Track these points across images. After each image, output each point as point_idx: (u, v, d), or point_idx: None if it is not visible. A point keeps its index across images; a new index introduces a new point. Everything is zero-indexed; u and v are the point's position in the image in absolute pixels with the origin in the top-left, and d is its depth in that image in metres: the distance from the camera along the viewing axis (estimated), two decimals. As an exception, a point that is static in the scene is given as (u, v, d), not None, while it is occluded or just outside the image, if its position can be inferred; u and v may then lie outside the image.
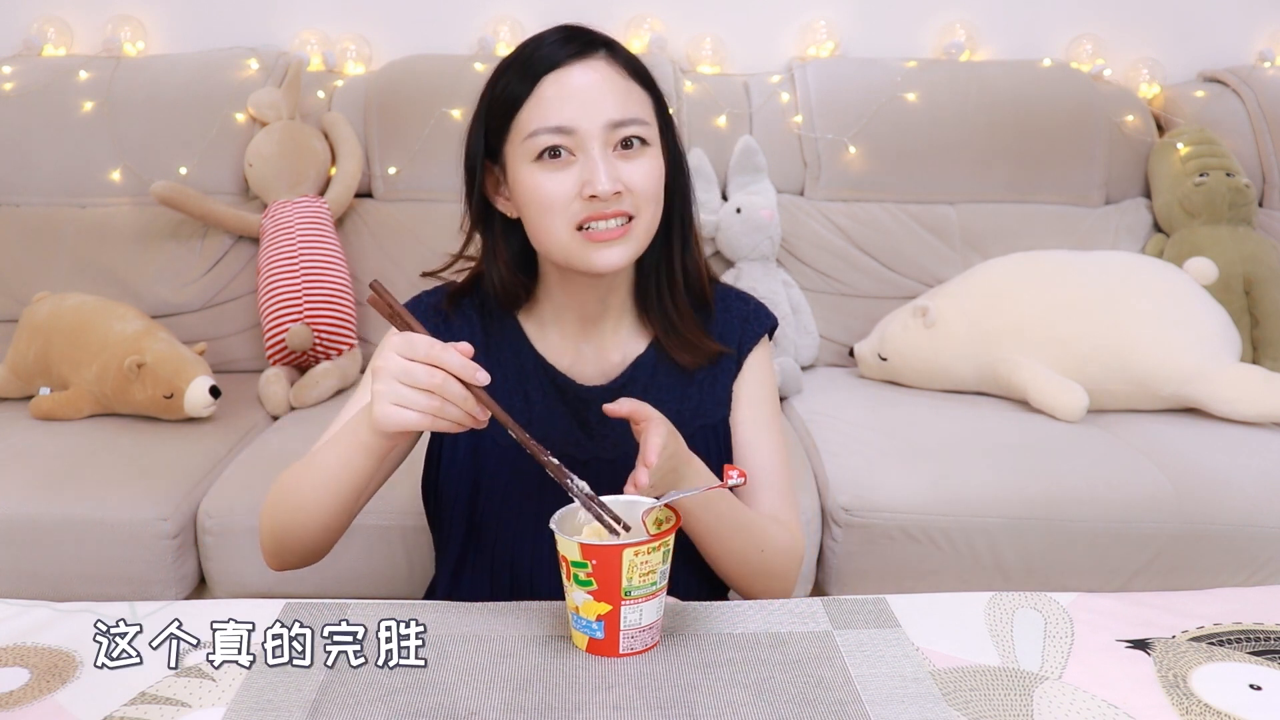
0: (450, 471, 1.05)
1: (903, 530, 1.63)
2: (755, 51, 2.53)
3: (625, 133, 0.93)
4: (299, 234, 2.12)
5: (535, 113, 0.93)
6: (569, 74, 0.93)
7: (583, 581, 0.76)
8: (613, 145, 0.93)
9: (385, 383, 0.80)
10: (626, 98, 0.94)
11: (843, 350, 2.23)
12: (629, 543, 0.75)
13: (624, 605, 0.76)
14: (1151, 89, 2.54)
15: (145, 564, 1.61)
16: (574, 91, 0.93)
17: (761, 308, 1.12)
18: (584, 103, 0.92)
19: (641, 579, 0.76)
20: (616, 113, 0.93)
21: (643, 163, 0.94)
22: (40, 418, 1.89)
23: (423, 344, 0.79)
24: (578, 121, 0.92)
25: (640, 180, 0.94)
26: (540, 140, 0.92)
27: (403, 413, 0.79)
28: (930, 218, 2.31)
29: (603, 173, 0.91)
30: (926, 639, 0.83)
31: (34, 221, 2.24)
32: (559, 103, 0.92)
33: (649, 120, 0.96)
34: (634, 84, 0.96)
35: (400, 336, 0.81)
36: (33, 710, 0.74)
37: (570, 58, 0.94)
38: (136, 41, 2.49)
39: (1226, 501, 1.64)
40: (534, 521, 0.99)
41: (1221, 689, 0.78)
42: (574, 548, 0.76)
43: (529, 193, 0.94)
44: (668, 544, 0.78)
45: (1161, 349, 1.90)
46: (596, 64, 0.94)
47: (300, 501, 0.93)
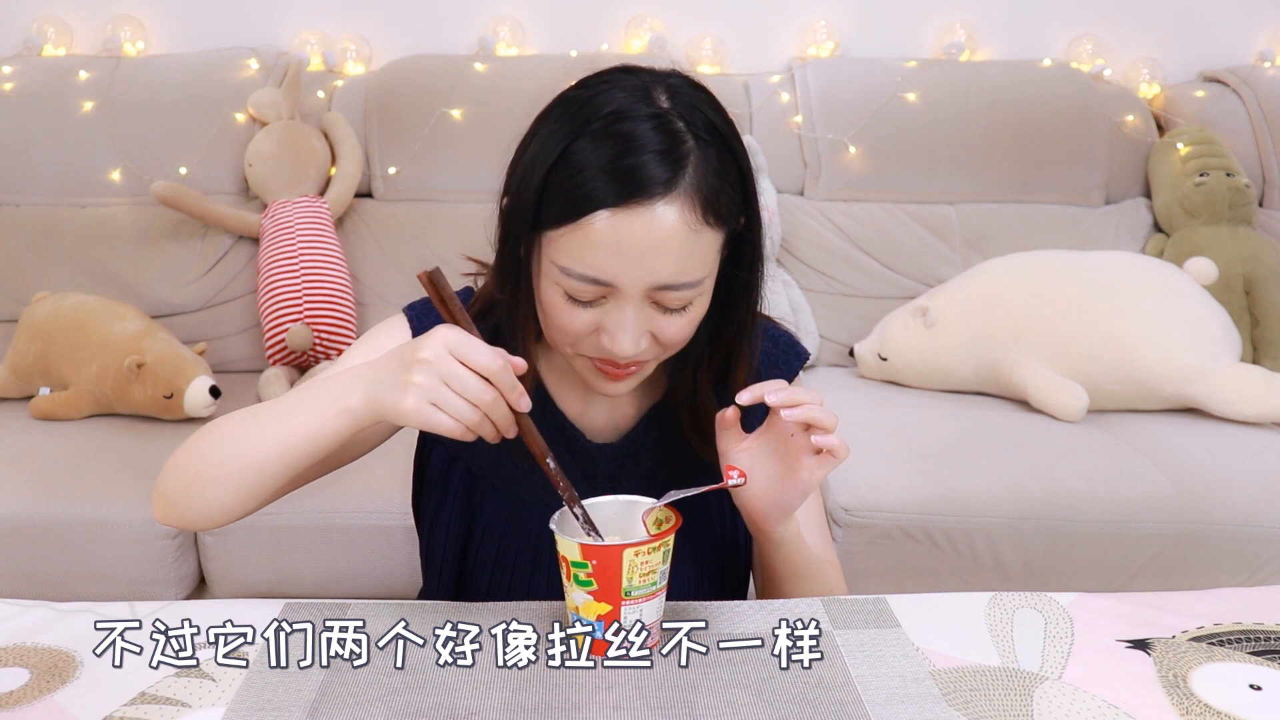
0: (441, 513, 0.99)
1: (903, 530, 1.63)
2: (755, 51, 2.54)
3: (671, 297, 0.79)
4: (299, 234, 2.12)
5: (577, 246, 0.77)
6: (630, 223, 0.76)
7: (583, 582, 0.76)
8: (654, 300, 0.80)
9: (428, 377, 0.72)
10: (689, 257, 0.78)
11: (843, 350, 2.24)
12: (629, 543, 0.75)
13: (624, 605, 0.76)
14: (1151, 89, 2.55)
15: (145, 564, 1.61)
16: (627, 249, 0.76)
17: (792, 345, 1.01)
18: (635, 262, 0.77)
19: (642, 579, 0.76)
20: (668, 275, 0.78)
21: (681, 319, 0.82)
22: (40, 418, 1.89)
23: (483, 353, 0.72)
24: (619, 279, 0.78)
25: (672, 335, 0.82)
26: (572, 284, 0.79)
27: (437, 415, 0.73)
28: (930, 218, 2.31)
29: (628, 337, 0.80)
30: (926, 639, 0.83)
31: (34, 221, 2.24)
32: (606, 254, 0.76)
33: (708, 273, 0.81)
34: (707, 231, 0.78)
35: (458, 334, 0.73)
36: (33, 710, 0.74)
37: (641, 196, 0.75)
38: (136, 41, 2.50)
39: (1226, 501, 1.64)
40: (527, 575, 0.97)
41: (1221, 689, 0.78)
42: (574, 548, 0.76)
43: (546, 306, 0.82)
44: (668, 544, 0.78)
45: (1161, 349, 1.90)
46: (667, 211, 0.76)
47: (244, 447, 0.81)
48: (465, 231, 2.01)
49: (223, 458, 0.83)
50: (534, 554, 0.97)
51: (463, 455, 0.97)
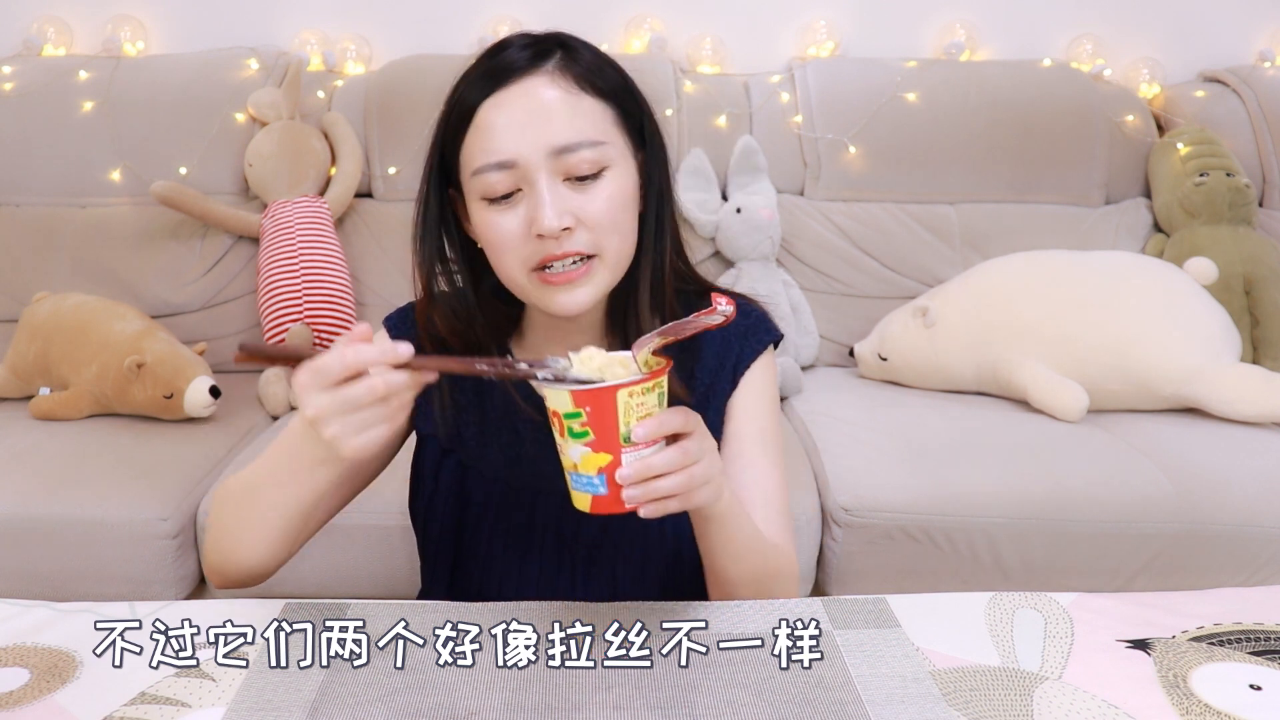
0: (434, 504, 1.00)
1: (903, 530, 1.63)
2: (755, 51, 2.54)
3: (572, 160, 0.83)
4: (299, 234, 2.12)
5: (475, 146, 0.85)
6: (507, 97, 0.84)
7: (578, 434, 0.71)
8: (563, 174, 0.84)
9: (331, 425, 0.70)
10: (573, 116, 0.84)
11: (843, 350, 2.24)
12: (622, 383, 0.70)
13: (624, 452, 0.71)
14: (1151, 89, 2.55)
15: (145, 564, 1.61)
16: (512, 118, 0.83)
17: (764, 320, 1.01)
18: (523, 128, 0.83)
19: (640, 422, 0.72)
20: (561, 136, 0.83)
21: (599, 190, 0.85)
22: (40, 418, 1.89)
23: (332, 363, 0.69)
24: (517, 151, 0.83)
25: (596, 212, 0.84)
26: (484, 180, 0.84)
27: (369, 434, 0.71)
28: (930, 218, 2.31)
29: (548, 208, 0.82)
30: (926, 639, 0.83)
31: (34, 221, 2.24)
32: (497, 133, 0.83)
33: (604, 138, 0.85)
34: (586, 96, 0.85)
35: (305, 371, 0.70)
36: (33, 710, 0.74)
37: (510, 77, 0.84)
38: (136, 41, 2.50)
39: (1226, 501, 1.64)
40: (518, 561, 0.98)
41: (1221, 689, 0.78)
42: (565, 398, 0.71)
43: (482, 231, 0.87)
44: (662, 385, 0.73)
45: (1161, 349, 1.90)
46: (538, 81, 0.84)
47: (250, 523, 0.85)
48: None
49: (242, 520, 0.86)
50: (524, 540, 0.98)
51: (455, 448, 0.98)
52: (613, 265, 0.88)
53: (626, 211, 0.87)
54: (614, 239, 0.86)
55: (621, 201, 0.86)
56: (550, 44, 0.87)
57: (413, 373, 0.71)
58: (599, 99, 0.86)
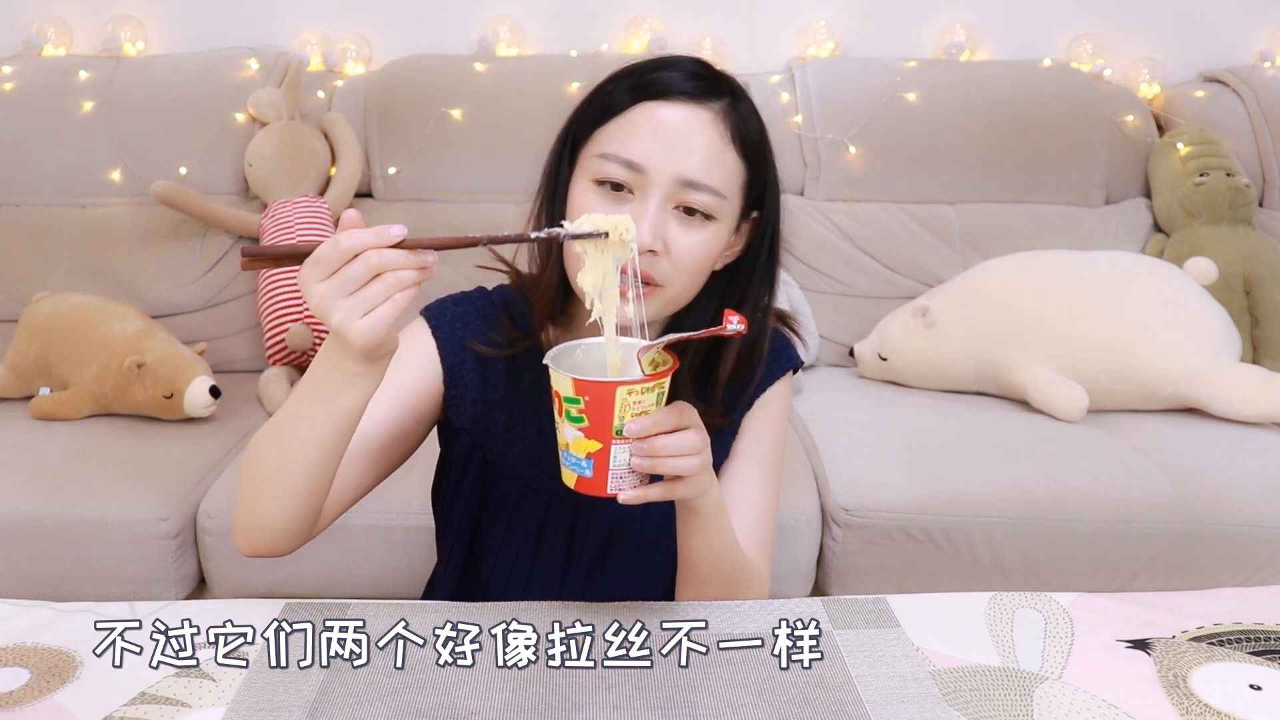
0: (457, 495, 1.01)
1: (903, 530, 1.63)
2: (755, 51, 2.54)
3: (692, 198, 0.85)
4: (299, 234, 2.12)
5: (616, 134, 0.87)
6: (667, 112, 0.86)
7: (574, 418, 0.74)
8: (676, 202, 0.86)
9: (337, 309, 0.71)
10: (713, 162, 0.86)
11: (843, 350, 2.23)
12: (622, 381, 0.73)
13: (614, 444, 0.74)
14: (1151, 89, 2.55)
15: (145, 564, 1.60)
16: (662, 129, 0.86)
17: (786, 347, 1.04)
18: (667, 146, 0.85)
19: (634, 419, 0.74)
20: (694, 172, 0.85)
21: (697, 234, 0.87)
22: (40, 418, 1.89)
23: (328, 251, 0.70)
24: (650, 161, 0.85)
25: (685, 250, 0.86)
26: (608, 167, 0.86)
27: (375, 316, 0.71)
28: (930, 218, 2.31)
29: (649, 224, 0.84)
30: (926, 639, 0.83)
31: (34, 221, 2.24)
32: (642, 136, 0.86)
33: (728, 194, 0.87)
34: (731, 150, 0.88)
35: (306, 266, 0.72)
36: (33, 710, 0.74)
37: (681, 95, 0.87)
38: (136, 41, 2.50)
39: (1226, 501, 1.64)
40: (529, 561, 1.00)
41: (1221, 689, 0.78)
42: (567, 383, 0.73)
43: (575, 210, 0.88)
44: (663, 386, 0.75)
45: (1161, 349, 1.90)
46: (700, 115, 0.87)
47: (278, 468, 0.82)
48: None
49: (269, 467, 0.83)
50: (536, 540, 1.00)
51: (481, 443, 0.99)
52: (669, 302, 0.89)
53: (707, 263, 0.89)
54: (684, 280, 0.88)
55: (710, 253, 0.89)
56: (724, 87, 0.90)
57: (406, 259, 0.71)
58: (740, 157, 0.89)
